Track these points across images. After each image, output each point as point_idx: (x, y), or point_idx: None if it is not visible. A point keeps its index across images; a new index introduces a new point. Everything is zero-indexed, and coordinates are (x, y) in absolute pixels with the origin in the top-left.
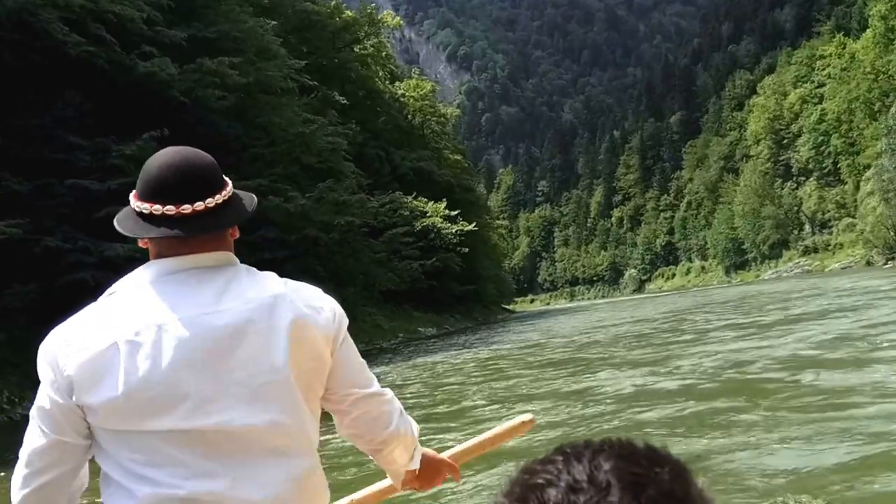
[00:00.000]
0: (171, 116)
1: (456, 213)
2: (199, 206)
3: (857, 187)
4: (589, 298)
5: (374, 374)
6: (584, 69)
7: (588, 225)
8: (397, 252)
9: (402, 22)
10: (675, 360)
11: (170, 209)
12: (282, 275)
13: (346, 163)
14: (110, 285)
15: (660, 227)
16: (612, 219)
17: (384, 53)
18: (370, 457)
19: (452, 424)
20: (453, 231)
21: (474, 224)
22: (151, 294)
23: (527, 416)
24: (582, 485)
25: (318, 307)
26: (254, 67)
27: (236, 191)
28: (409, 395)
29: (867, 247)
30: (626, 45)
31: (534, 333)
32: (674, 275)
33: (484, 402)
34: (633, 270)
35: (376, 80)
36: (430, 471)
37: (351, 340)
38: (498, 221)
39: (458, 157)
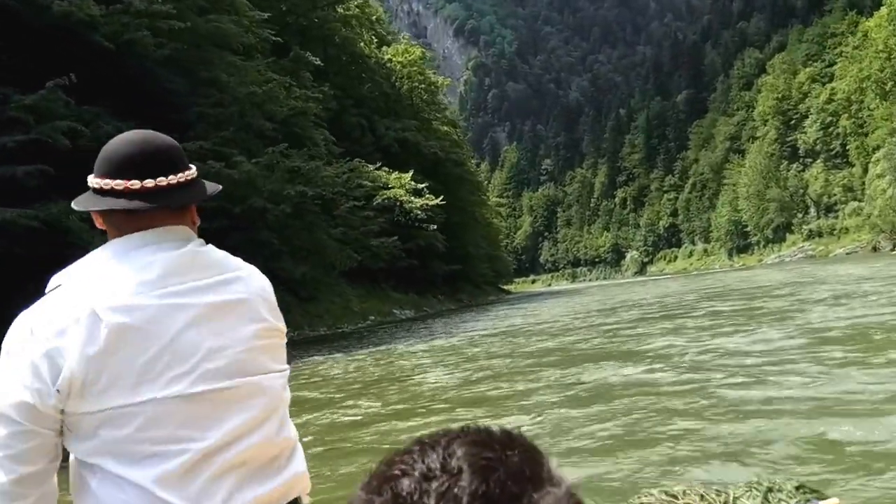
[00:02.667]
0: (95, 64)
1: (423, 185)
2: (163, 181)
3: (866, 170)
4: (590, 280)
5: (300, 363)
6: (593, 46)
7: (591, 205)
8: (354, 228)
9: None
10: (639, 353)
11: (134, 183)
12: (225, 247)
13: (319, 129)
14: None
15: (663, 209)
16: (616, 199)
17: (375, 17)
18: None
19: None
20: (418, 205)
21: (441, 198)
22: (124, 269)
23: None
24: (435, 472)
25: (269, 289)
26: (204, 18)
27: (201, 179)
28: (318, 397)
29: (874, 231)
30: (636, 22)
31: (517, 318)
32: (676, 257)
33: (405, 407)
34: (634, 252)
35: (361, 43)
36: None
37: None
38: (496, 199)
39: (447, 128)
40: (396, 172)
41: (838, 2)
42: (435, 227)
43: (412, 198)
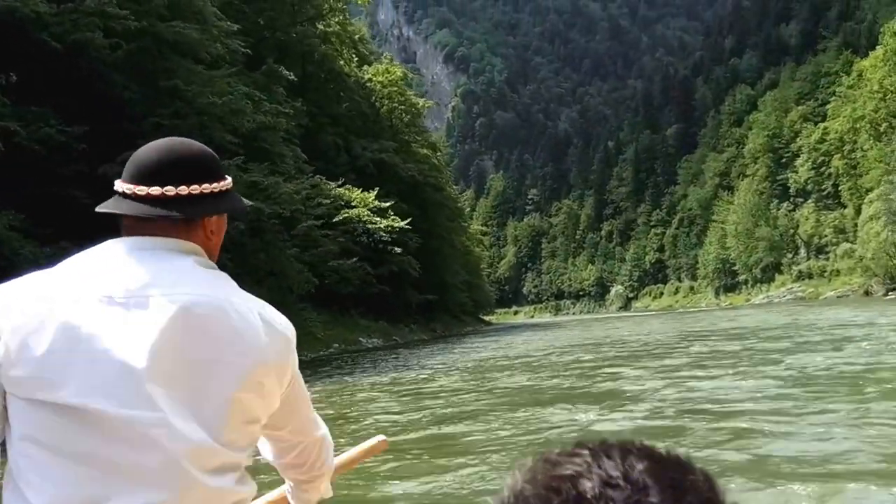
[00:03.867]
0: (46, 64)
1: (388, 204)
2: (170, 190)
3: (859, 211)
4: (573, 313)
5: None
6: (583, 78)
7: (577, 237)
8: (313, 248)
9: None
10: (611, 394)
11: (141, 189)
12: None
13: (290, 146)
14: None
15: (650, 244)
16: (602, 232)
17: (358, 36)
18: None
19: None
20: (382, 226)
21: (409, 220)
22: (95, 267)
23: (381, 437)
24: (617, 481)
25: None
26: (166, 24)
27: (233, 192)
28: None
29: (866, 275)
30: (628, 56)
31: (488, 352)
32: (662, 293)
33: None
34: (619, 287)
35: (341, 61)
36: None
37: None
38: (478, 227)
39: (427, 151)
40: (359, 191)
41: (833, 41)
42: (400, 250)
43: (375, 218)
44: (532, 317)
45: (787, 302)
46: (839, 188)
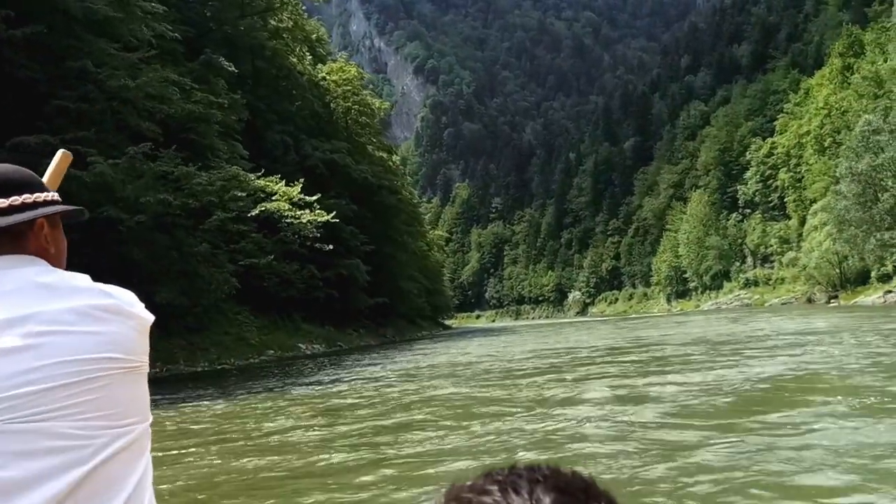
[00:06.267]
0: None
1: (315, 198)
2: None
3: (802, 222)
4: (533, 318)
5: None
6: (548, 93)
7: (538, 244)
8: (220, 247)
9: None
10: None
11: None
12: (88, 268)
13: (228, 141)
14: None
15: (606, 252)
16: (562, 240)
17: (315, 36)
18: None
19: None
20: (305, 221)
21: (333, 214)
22: None
23: (61, 151)
24: None
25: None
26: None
27: (51, 205)
28: None
29: (810, 283)
30: (591, 73)
31: (433, 358)
32: (617, 299)
33: None
34: (577, 293)
35: (292, 57)
36: None
37: None
38: (439, 233)
39: (383, 154)
40: (282, 183)
41: (781, 61)
42: (331, 247)
43: (298, 212)
44: (493, 321)
45: (734, 308)
46: (785, 200)
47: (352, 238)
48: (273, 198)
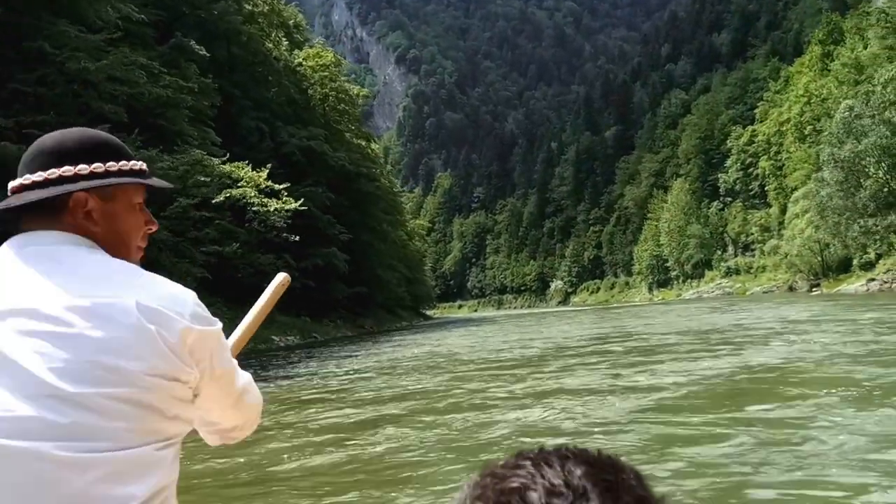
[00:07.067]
0: None
1: (283, 186)
2: (27, 180)
3: (783, 210)
4: (515, 307)
5: None
6: (529, 83)
7: (520, 234)
8: (181, 236)
9: None
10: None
11: (12, 183)
12: None
13: (199, 127)
14: None
15: (588, 241)
16: (544, 229)
17: (293, 22)
18: None
19: None
20: (272, 209)
21: (301, 202)
22: None
23: (283, 275)
24: (559, 489)
25: None
26: None
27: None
28: None
29: (791, 271)
30: (572, 63)
31: (411, 349)
32: (598, 289)
33: None
34: (559, 282)
35: (268, 43)
36: None
37: None
38: (423, 222)
39: (362, 142)
40: (248, 168)
41: (761, 49)
42: (298, 238)
43: (265, 199)
44: (475, 311)
45: (715, 297)
46: (765, 188)
47: (329, 227)
48: (239, 184)
